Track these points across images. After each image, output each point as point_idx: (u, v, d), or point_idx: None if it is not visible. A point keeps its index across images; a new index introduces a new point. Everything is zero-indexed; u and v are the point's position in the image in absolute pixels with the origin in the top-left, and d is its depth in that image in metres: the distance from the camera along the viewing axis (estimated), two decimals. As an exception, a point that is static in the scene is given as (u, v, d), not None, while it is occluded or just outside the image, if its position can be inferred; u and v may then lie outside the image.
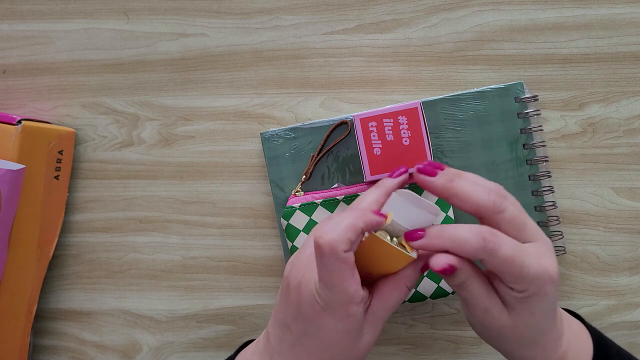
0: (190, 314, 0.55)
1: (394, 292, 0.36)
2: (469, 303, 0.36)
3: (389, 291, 0.36)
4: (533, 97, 0.49)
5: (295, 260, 0.37)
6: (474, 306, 0.36)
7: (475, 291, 0.35)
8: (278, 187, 0.51)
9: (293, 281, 0.35)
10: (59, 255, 0.56)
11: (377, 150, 0.45)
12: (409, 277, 0.36)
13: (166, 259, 0.55)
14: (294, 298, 0.35)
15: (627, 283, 0.51)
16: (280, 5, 0.53)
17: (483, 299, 0.35)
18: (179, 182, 0.54)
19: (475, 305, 0.36)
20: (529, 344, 0.36)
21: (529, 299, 0.34)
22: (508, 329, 0.35)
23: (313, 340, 0.35)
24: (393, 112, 0.44)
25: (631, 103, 0.51)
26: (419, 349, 0.53)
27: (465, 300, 0.36)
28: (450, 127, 0.50)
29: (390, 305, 0.36)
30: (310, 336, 0.35)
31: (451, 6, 0.51)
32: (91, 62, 0.55)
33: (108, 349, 0.56)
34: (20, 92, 0.56)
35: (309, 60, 0.53)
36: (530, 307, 0.34)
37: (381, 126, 0.44)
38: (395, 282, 0.36)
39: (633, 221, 0.51)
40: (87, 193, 0.56)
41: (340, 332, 0.34)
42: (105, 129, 0.55)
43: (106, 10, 0.55)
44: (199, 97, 0.54)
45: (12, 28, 0.56)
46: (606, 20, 0.50)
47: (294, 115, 0.53)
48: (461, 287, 0.35)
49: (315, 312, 0.34)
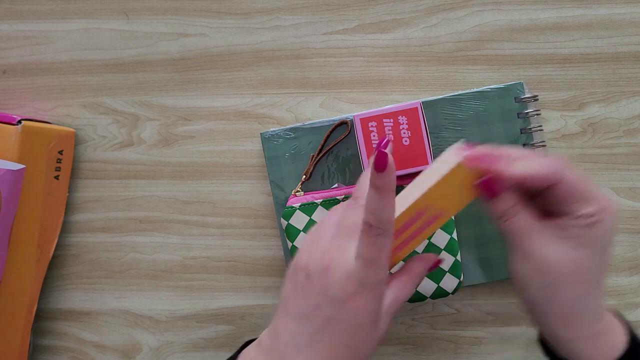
0: (190, 314, 0.55)
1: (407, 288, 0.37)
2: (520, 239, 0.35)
3: (402, 287, 0.37)
4: (533, 97, 0.49)
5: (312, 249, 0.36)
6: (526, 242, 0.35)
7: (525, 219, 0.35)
8: (278, 187, 0.51)
9: (317, 268, 0.35)
10: (59, 255, 0.56)
11: (377, 150, 0.45)
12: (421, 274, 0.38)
13: (166, 259, 0.55)
14: (319, 285, 0.35)
15: (627, 283, 0.51)
16: (280, 5, 0.53)
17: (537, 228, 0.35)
18: (179, 182, 0.54)
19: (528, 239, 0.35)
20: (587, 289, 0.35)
21: (596, 227, 0.34)
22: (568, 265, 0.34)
23: (339, 326, 0.34)
24: (393, 112, 0.44)
25: (631, 103, 0.51)
26: (419, 349, 0.53)
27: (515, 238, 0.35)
28: (450, 127, 0.50)
29: (402, 300, 0.37)
30: (335, 322, 0.34)
31: (451, 6, 0.51)
32: (91, 62, 0.55)
33: (108, 349, 0.56)
34: (20, 92, 0.56)
35: (309, 60, 0.53)
36: (596, 236, 0.34)
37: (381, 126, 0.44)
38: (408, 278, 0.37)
39: (633, 221, 0.51)
40: (87, 193, 0.56)
41: (368, 314, 0.34)
42: (105, 129, 0.55)
43: (106, 10, 0.55)
44: (199, 97, 0.54)
45: (12, 28, 0.56)
46: (606, 20, 0.50)
47: (294, 115, 0.53)
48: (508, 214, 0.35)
49: (347, 293, 0.34)
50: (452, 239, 0.48)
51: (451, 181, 0.35)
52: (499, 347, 0.52)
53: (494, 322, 0.52)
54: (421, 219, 0.37)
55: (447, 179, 0.35)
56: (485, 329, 0.52)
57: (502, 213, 0.35)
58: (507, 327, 0.52)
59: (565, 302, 0.36)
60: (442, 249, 0.48)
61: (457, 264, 0.48)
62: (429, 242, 0.48)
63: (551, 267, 0.35)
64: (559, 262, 0.35)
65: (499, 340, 0.52)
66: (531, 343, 0.52)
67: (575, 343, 0.37)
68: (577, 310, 0.36)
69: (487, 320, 0.52)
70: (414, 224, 0.37)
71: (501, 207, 0.35)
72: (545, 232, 0.35)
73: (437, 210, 0.37)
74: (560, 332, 0.37)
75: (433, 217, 0.37)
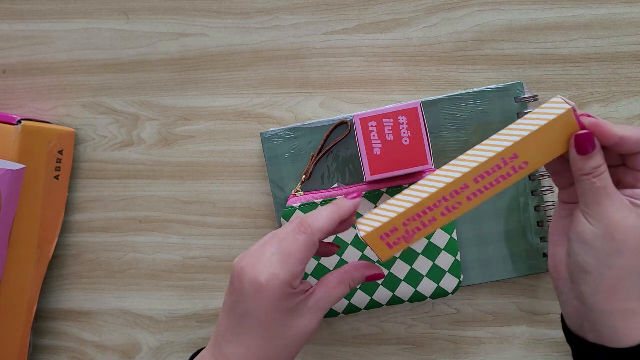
0: (190, 314, 0.55)
1: (339, 287, 0.40)
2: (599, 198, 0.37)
3: (334, 286, 0.39)
4: (533, 97, 0.49)
5: (245, 252, 0.40)
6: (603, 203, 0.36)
7: (608, 180, 0.37)
8: (278, 187, 0.51)
9: (237, 267, 0.39)
10: (59, 255, 0.56)
11: (377, 150, 0.45)
12: (356, 279, 0.40)
13: (166, 259, 0.55)
14: (237, 282, 0.38)
15: (627, 283, 0.51)
16: (280, 5, 0.53)
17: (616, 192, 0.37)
18: (179, 182, 0.54)
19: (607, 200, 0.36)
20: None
21: None
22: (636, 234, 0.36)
23: (251, 320, 0.37)
24: (393, 112, 0.44)
25: (631, 103, 0.51)
26: (419, 349, 0.53)
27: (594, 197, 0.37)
28: (450, 127, 0.50)
29: (332, 297, 0.39)
30: (249, 316, 0.37)
31: (451, 6, 0.51)
32: (91, 62, 0.55)
33: (108, 349, 0.56)
34: (20, 92, 0.56)
35: (309, 60, 0.53)
36: None
37: (381, 126, 0.44)
38: (341, 279, 0.40)
39: (633, 221, 0.51)
40: (87, 193, 0.56)
41: (276, 311, 0.37)
42: (105, 129, 0.55)
43: (106, 10, 0.55)
44: (199, 97, 0.54)
45: (12, 28, 0.56)
46: (606, 20, 0.50)
47: (294, 115, 0.53)
48: (597, 172, 0.36)
49: (255, 290, 0.37)
50: (452, 239, 0.48)
51: (551, 130, 0.36)
52: (499, 347, 0.52)
53: (494, 322, 0.52)
54: (507, 166, 0.37)
55: (548, 127, 0.36)
56: (485, 329, 0.52)
57: (592, 170, 0.37)
58: (507, 327, 0.52)
59: (621, 271, 0.37)
60: (442, 249, 0.48)
61: (457, 264, 0.48)
62: (429, 242, 0.48)
63: (622, 232, 0.36)
64: (629, 229, 0.36)
65: (499, 340, 0.52)
66: (531, 343, 0.52)
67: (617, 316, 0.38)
68: (629, 282, 0.37)
69: (487, 320, 0.52)
70: (498, 171, 0.37)
71: (592, 163, 0.37)
72: (622, 198, 0.37)
73: (524, 159, 0.37)
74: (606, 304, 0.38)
75: (519, 167, 0.37)
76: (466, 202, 0.38)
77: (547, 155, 0.37)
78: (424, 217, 0.38)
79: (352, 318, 0.53)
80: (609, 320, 0.38)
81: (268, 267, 0.37)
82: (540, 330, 0.52)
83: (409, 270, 0.48)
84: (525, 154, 0.37)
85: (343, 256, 0.48)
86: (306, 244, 0.37)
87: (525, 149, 0.37)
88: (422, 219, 0.38)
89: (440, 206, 0.38)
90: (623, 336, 0.37)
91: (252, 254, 0.39)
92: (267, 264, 0.37)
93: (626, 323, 0.37)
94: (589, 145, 0.36)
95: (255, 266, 0.37)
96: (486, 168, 0.37)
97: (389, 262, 0.48)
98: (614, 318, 0.38)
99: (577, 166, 0.37)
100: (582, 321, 0.40)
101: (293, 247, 0.37)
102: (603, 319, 0.38)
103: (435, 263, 0.48)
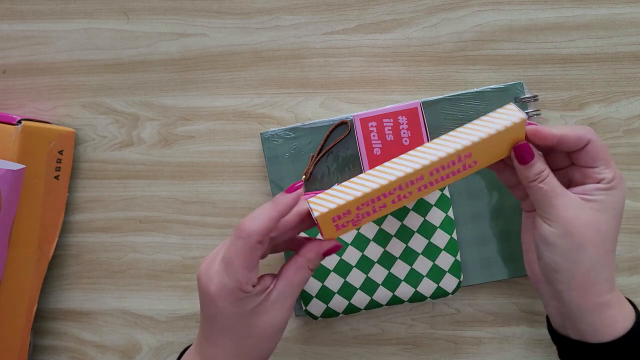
0: (190, 314, 0.55)
1: (299, 273, 0.39)
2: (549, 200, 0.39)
3: (294, 273, 0.39)
4: (533, 97, 0.49)
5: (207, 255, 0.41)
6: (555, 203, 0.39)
7: (553, 183, 0.39)
8: (278, 187, 0.51)
9: (198, 273, 0.39)
10: (59, 255, 0.56)
11: (377, 150, 0.45)
12: (313, 260, 0.40)
13: (166, 259, 0.55)
14: (198, 288, 0.39)
15: (627, 283, 0.51)
16: (280, 5, 0.53)
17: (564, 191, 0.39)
18: (179, 182, 0.54)
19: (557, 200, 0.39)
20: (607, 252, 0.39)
21: (613, 192, 0.39)
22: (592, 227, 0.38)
23: (217, 325, 0.38)
24: (393, 112, 0.44)
25: (631, 103, 0.51)
26: (419, 349, 0.53)
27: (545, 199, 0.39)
28: (450, 127, 0.50)
29: (295, 284, 0.39)
30: (214, 321, 0.38)
31: (451, 6, 0.51)
32: (91, 62, 0.55)
33: (108, 349, 0.56)
34: (20, 92, 0.56)
35: (309, 60, 0.53)
36: (614, 201, 0.39)
37: (381, 126, 0.44)
38: (298, 265, 0.39)
39: (633, 221, 0.51)
40: (87, 193, 0.56)
41: (234, 315, 0.38)
42: (105, 129, 0.55)
43: (106, 10, 0.55)
44: (199, 97, 0.54)
45: (12, 28, 0.56)
46: (606, 20, 0.50)
47: (294, 115, 0.53)
48: (540, 177, 0.39)
49: (210, 299, 0.38)
50: (452, 239, 0.48)
51: (503, 135, 0.38)
52: (499, 347, 0.52)
53: (494, 322, 0.52)
54: (460, 163, 0.39)
55: (503, 133, 0.38)
56: (485, 329, 0.52)
57: (535, 176, 0.39)
58: (507, 327, 0.52)
59: (586, 265, 0.39)
60: (442, 249, 0.48)
61: (457, 264, 0.48)
62: (429, 242, 0.48)
63: (578, 227, 0.38)
64: (584, 224, 0.38)
65: (499, 340, 0.52)
66: (531, 343, 0.52)
67: (592, 312, 0.39)
68: (595, 274, 0.39)
69: (487, 320, 0.52)
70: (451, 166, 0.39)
71: (535, 170, 0.39)
72: (571, 196, 0.39)
73: (474, 159, 0.39)
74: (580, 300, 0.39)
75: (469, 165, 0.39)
76: (416, 192, 0.39)
77: (493, 157, 0.40)
78: (377, 203, 0.39)
79: (352, 318, 0.53)
80: (586, 317, 0.40)
81: (216, 276, 0.37)
82: (540, 330, 0.51)
83: (409, 270, 0.48)
84: (476, 154, 0.39)
85: (343, 256, 0.48)
86: (244, 249, 0.36)
87: (479, 150, 0.39)
88: (374, 204, 0.39)
89: (393, 194, 0.39)
90: (601, 331, 0.39)
91: (209, 260, 0.39)
92: (215, 273, 0.38)
93: (602, 317, 0.39)
94: (527, 155, 0.39)
95: (207, 274, 0.38)
96: (443, 162, 0.38)
97: (389, 262, 0.48)
98: (591, 314, 0.40)
99: (522, 175, 0.40)
100: (564, 320, 0.42)
101: (232, 253, 0.37)
102: (581, 316, 0.40)
103: (435, 263, 0.48)
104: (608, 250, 0.39)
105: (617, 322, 0.39)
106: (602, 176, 0.39)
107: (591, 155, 0.39)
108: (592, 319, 0.39)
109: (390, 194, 0.39)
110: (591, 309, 0.39)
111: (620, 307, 0.40)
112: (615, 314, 0.40)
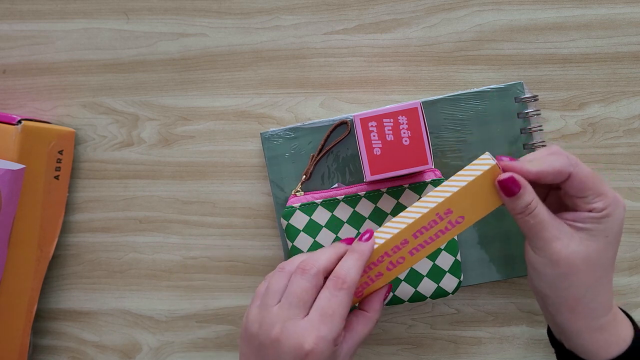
0: (190, 314, 0.55)
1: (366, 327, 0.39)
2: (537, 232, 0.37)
3: (361, 328, 0.39)
4: (533, 97, 0.49)
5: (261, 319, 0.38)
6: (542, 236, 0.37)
7: (542, 214, 0.37)
8: (278, 187, 0.51)
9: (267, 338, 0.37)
10: (59, 255, 0.56)
11: (377, 150, 0.45)
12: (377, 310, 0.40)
13: (166, 259, 0.55)
14: (273, 353, 0.36)
15: (627, 283, 0.51)
16: (280, 5, 0.53)
17: (552, 222, 0.37)
18: (179, 182, 0.54)
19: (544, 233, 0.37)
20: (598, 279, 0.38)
21: (606, 220, 0.37)
22: (580, 256, 0.37)
23: None
24: (393, 112, 0.44)
25: (631, 103, 0.51)
26: (419, 349, 0.53)
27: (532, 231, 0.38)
28: (450, 127, 0.50)
29: (362, 337, 0.39)
30: None
31: (451, 6, 0.51)
32: (91, 62, 0.55)
33: (108, 349, 0.56)
34: (20, 92, 0.56)
35: (309, 60, 0.53)
36: (606, 229, 0.37)
37: (381, 126, 0.44)
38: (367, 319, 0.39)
39: (633, 221, 0.51)
40: (87, 193, 0.56)
41: None
42: (105, 129, 0.55)
43: (106, 10, 0.55)
44: (199, 97, 0.54)
45: (12, 28, 0.56)
46: (606, 20, 0.50)
47: (294, 115, 0.53)
48: (528, 210, 0.37)
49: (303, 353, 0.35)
50: (452, 239, 0.48)
51: (480, 184, 0.38)
52: (499, 347, 0.52)
53: (494, 322, 0.52)
54: (443, 221, 0.39)
55: (476, 182, 0.38)
56: (485, 329, 0.52)
57: (522, 209, 0.38)
58: (507, 327, 0.52)
59: (577, 292, 0.38)
60: (442, 249, 0.48)
61: (457, 264, 0.48)
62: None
63: (564, 258, 0.37)
64: (572, 253, 0.37)
65: (499, 340, 0.52)
66: (531, 343, 0.52)
67: (584, 335, 0.39)
68: (587, 300, 0.38)
69: (487, 320, 0.52)
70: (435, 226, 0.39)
71: (522, 202, 0.38)
72: (559, 225, 0.38)
73: (460, 214, 0.39)
74: (571, 323, 0.39)
75: (456, 221, 0.39)
76: (409, 257, 0.40)
77: (483, 209, 0.39)
78: (370, 272, 0.40)
79: (352, 318, 0.53)
80: (577, 340, 0.39)
81: (311, 331, 0.35)
82: (540, 330, 0.52)
83: (409, 270, 0.48)
84: (459, 209, 0.38)
85: None
86: (348, 300, 0.36)
87: (458, 204, 0.38)
88: (369, 274, 0.40)
89: (384, 261, 0.40)
90: (592, 352, 0.39)
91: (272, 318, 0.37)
92: (307, 328, 0.36)
93: (595, 340, 0.39)
94: (514, 187, 0.37)
95: (291, 334, 0.36)
96: (422, 223, 0.39)
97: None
98: (582, 337, 0.39)
99: (509, 207, 0.39)
100: (559, 334, 0.42)
101: (335, 304, 0.36)
102: (572, 337, 0.39)
103: (435, 263, 0.48)
104: (600, 276, 0.38)
105: (611, 345, 0.38)
106: (592, 206, 0.37)
107: (576, 187, 0.37)
108: (583, 342, 0.39)
109: (380, 261, 0.40)
110: (582, 333, 0.39)
111: (617, 329, 0.39)
112: (609, 338, 0.39)
